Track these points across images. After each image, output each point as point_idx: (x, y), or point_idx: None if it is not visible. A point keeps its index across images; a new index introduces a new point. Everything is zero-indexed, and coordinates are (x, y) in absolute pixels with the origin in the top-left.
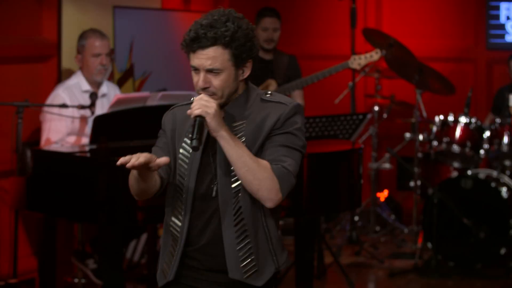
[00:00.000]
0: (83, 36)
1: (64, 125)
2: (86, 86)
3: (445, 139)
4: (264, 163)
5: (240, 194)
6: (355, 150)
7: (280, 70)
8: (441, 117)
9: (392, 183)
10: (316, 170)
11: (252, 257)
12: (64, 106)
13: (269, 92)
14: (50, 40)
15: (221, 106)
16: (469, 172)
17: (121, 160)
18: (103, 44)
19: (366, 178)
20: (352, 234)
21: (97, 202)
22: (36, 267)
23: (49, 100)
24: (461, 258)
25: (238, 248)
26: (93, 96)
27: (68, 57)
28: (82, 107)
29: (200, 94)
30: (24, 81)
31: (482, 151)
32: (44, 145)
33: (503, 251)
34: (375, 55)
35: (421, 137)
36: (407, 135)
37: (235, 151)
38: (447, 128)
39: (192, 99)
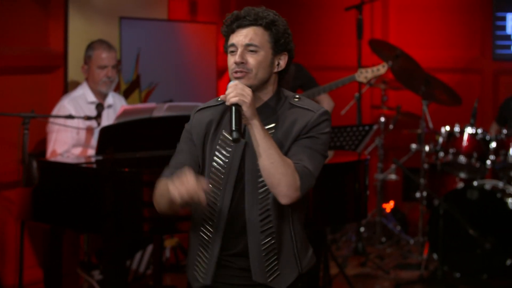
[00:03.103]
0: (90, 46)
1: (69, 136)
2: (91, 97)
3: (451, 150)
4: (288, 160)
5: (268, 199)
6: (361, 161)
7: (287, 81)
8: (447, 128)
9: (398, 194)
10: (322, 181)
11: (276, 262)
12: (70, 117)
13: (297, 96)
14: (57, 50)
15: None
16: (475, 183)
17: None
18: (110, 56)
19: (372, 189)
20: (358, 245)
21: (103, 213)
22: (41, 278)
23: (55, 111)
24: (467, 269)
25: (263, 251)
26: (99, 107)
27: (74, 68)
28: (88, 118)
29: (233, 79)
30: (30, 92)
31: (488, 162)
32: (50, 156)
33: (509, 262)
34: (382, 68)
35: (427, 148)
36: (413, 146)
37: (264, 141)
38: (453, 139)
39: (218, 98)
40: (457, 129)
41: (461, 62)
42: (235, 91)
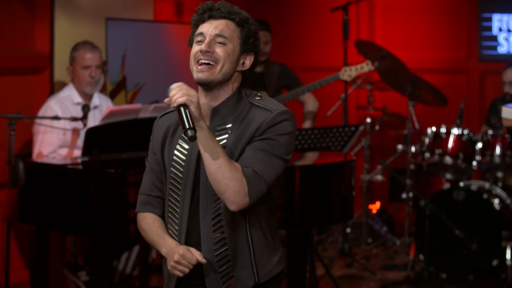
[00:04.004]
0: (75, 48)
1: (56, 137)
2: (78, 98)
3: (437, 151)
4: (237, 164)
5: (220, 203)
6: (347, 162)
7: (271, 81)
8: (434, 128)
9: (384, 195)
10: (308, 182)
11: (230, 269)
12: (56, 118)
13: (260, 94)
14: (43, 51)
15: (208, 88)
16: (461, 184)
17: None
18: (94, 56)
19: (358, 190)
20: (344, 246)
21: (89, 214)
22: (28, 279)
23: (41, 112)
24: (453, 270)
25: (216, 257)
26: (85, 108)
27: (60, 69)
28: (74, 119)
29: (195, 71)
30: (16, 93)
31: (474, 163)
32: (36, 157)
33: (495, 262)
34: (365, 66)
35: (413, 148)
36: (400, 147)
37: (210, 145)
38: (439, 140)
39: None
40: (443, 130)
41: (447, 62)
42: (181, 92)
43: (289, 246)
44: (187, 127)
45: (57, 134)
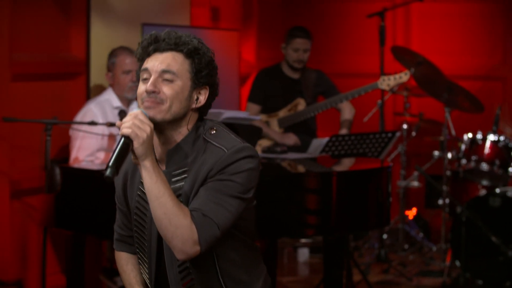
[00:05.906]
0: (113, 53)
1: (94, 142)
2: (117, 102)
3: (473, 157)
4: (186, 209)
5: None
6: (384, 168)
7: (309, 88)
8: (470, 135)
9: (421, 201)
10: (345, 188)
11: None
12: (93, 123)
13: (216, 128)
14: (79, 57)
15: (160, 130)
16: (498, 190)
17: None
18: (133, 60)
19: (394, 196)
20: (381, 252)
21: None
22: (64, 284)
23: (80, 115)
24: (490, 277)
25: None
26: (122, 114)
27: (96, 74)
28: (111, 124)
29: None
30: (52, 98)
31: (510, 169)
32: (73, 162)
33: None
34: (404, 76)
35: (449, 155)
36: (436, 153)
37: (155, 187)
38: (475, 146)
39: None
40: (479, 136)
41: (483, 69)
42: (132, 122)
43: (326, 252)
44: (109, 164)
45: (95, 139)
